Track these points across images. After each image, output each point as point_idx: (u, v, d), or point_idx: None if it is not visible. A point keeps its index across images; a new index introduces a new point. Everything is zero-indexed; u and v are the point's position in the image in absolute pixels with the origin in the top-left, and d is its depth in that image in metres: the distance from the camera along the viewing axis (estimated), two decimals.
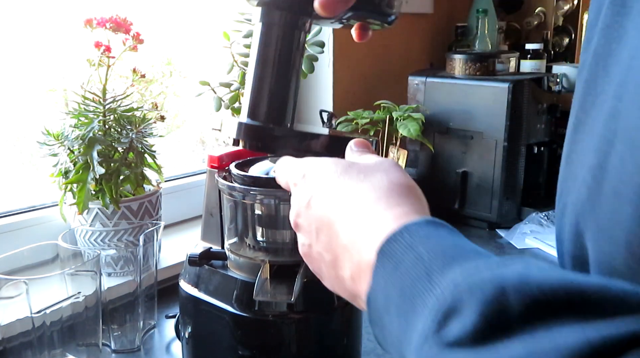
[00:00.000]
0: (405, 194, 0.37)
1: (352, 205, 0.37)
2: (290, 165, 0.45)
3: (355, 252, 0.35)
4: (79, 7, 0.99)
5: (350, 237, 0.36)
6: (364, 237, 0.35)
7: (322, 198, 0.40)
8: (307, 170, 0.43)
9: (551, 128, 1.32)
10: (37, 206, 0.98)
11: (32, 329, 0.65)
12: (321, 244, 0.40)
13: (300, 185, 0.43)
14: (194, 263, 0.66)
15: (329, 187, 0.40)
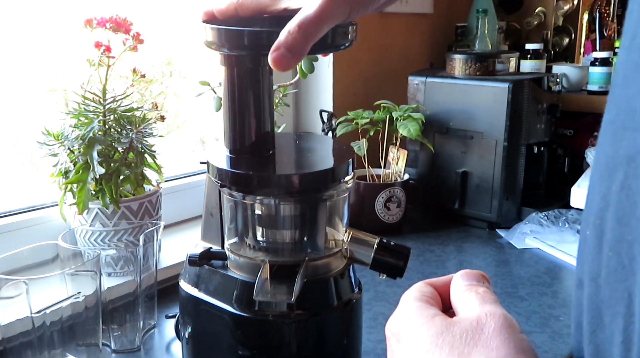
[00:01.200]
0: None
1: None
2: (397, 310, 0.41)
3: None
4: (79, 7, 0.99)
5: None
6: None
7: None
8: (400, 328, 0.39)
9: (551, 128, 1.32)
10: (37, 206, 0.98)
11: (32, 329, 0.65)
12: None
13: (392, 342, 0.39)
14: (194, 263, 0.65)
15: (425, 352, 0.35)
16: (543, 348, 0.80)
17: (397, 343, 0.38)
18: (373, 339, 0.83)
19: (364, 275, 0.74)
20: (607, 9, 2.04)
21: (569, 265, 1.09)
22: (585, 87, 1.59)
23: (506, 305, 0.93)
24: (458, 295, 0.39)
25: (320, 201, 0.63)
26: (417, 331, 0.36)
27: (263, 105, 0.56)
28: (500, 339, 0.33)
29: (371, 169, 1.28)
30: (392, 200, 1.22)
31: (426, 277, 0.42)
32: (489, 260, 1.13)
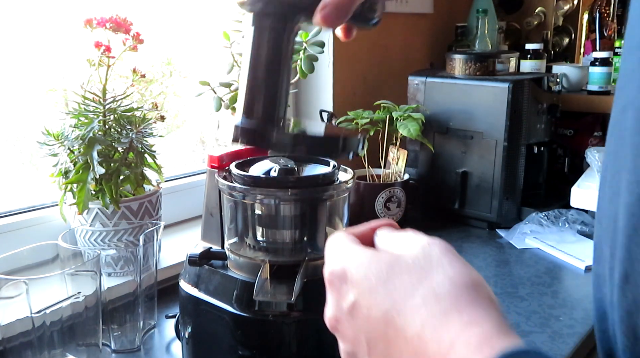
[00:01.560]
0: (475, 299, 0.31)
1: (414, 316, 0.32)
2: (329, 257, 0.40)
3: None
4: (79, 7, 0.99)
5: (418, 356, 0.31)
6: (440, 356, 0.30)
7: (371, 306, 0.34)
8: (346, 269, 0.37)
9: (551, 128, 1.32)
10: (37, 206, 0.98)
11: (32, 329, 0.65)
12: (377, 356, 0.35)
13: (338, 285, 0.38)
14: (194, 263, 0.66)
15: (377, 295, 0.34)
16: (543, 348, 0.80)
17: (344, 284, 0.37)
18: None
19: None
20: (607, 9, 2.04)
21: (569, 265, 1.09)
22: (585, 87, 1.59)
23: (506, 305, 0.93)
24: (389, 238, 0.39)
25: (320, 201, 0.63)
26: (368, 266, 0.36)
27: (287, 69, 0.56)
28: (449, 258, 0.34)
29: (371, 168, 1.28)
30: (392, 200, 1.22)
31: None
32: (489, 260, 1.13)
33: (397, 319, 0.32)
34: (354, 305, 0.36)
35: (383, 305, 0.33)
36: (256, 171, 0.63)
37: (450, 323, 0.30)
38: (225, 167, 0.67)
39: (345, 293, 0.37)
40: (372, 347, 0.35)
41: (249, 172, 0.63)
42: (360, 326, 0.35)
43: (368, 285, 0.35)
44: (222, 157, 0.67)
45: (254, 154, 0.70)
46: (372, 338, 0.35)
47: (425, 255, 0.34)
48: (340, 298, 0.37)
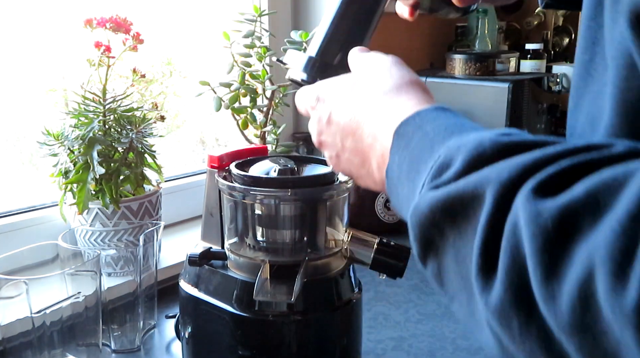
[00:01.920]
0: (413, 89, 0.44)
1: (369, 108, 0.44)
2: (304, 93, 0.51)
3: (378, 146, 0.42)
4: (79, 7, 0.99)
5: (372, 135, 0.43)
6: (383, 129, 0.42)
7: (341, 111, 0.46)
8: (320, 92, 0.49)
9: (551, 128, 1.32)
10: (37, 206, 0.98)
11: (32, 329, 0.65)
12: (348, 150, 0.46)
13: (317, 107, 0.49)
14: (194, 263, 0.66)
15: (344, 100, 0.46)
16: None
17: (322, 104, 0.48)
18: (373, 339, 0.83)
19: (364, 275, 0.74)
20: None
21: None
22: None
23: None
24: (357, 58, 0.51)
25: (320, 201, 0.63)
26: (336, 87, 0.48)
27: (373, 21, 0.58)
28: (397, 66, 0.47)
29: None
30: None
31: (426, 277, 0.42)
32: None
33: (358, 118, 0.45)
34: (330, 117, 0.47)
35: (350, 111, 0.45)
36: (256, 171, 0.63)
37: (393, 101, 0.43)
38: (225, 167, 0.67)
39: (324, 111, 0.48)
40: (344, 143, 0.46)
41: (249, 172, 0.63)
42: (335, 131, 0.47)
43: (338, 100, 0.47)
44: (222, 157, 0.67)
45: (254, 154, 0.70)
46: (344, 136, 0.46)
47: (380, 65, 0.47)
48: (321, 116, 0.49)
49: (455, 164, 0.31)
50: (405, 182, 0.37)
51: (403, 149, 0.38)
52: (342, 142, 0.47)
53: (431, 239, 0.32)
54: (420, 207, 0.32)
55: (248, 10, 1.08)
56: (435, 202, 0.31)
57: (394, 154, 0.39)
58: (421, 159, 0.35)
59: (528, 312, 0.25)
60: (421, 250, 0.33)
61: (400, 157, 0.38)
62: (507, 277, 0.26)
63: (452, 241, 0.31)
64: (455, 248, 0.30)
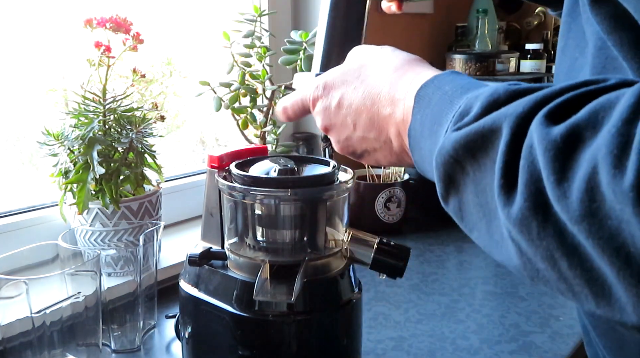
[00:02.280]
0: (422, 63, 0.48)
1: (384, 83, 0.47)
2: (308, 86, 0.53)
3: (398, 112, 0.45)
4: (79, 7, 0.99)
5: (391, 104, 0.46)
6: (402, 95, 0.45)
7: (353, 93, 0.49)
8: (326, 81, 0.51)
9: None
10: (37, 206, 0.98)
11: (32, 329, 0.65)
12: (361, 128, 0.49)
13: (323, 95, 0.51)
14: (194, 263, 0.66)
15: (355, 82, 0.49)
16: (543, 349, 0.80)
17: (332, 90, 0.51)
18: (373, 339, 0.83)
19: (364, 275, 0.74)
20: None
21: None
22: None
23: (506, 305, 0.93)
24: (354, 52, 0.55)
25: (320, 201, 0.63)
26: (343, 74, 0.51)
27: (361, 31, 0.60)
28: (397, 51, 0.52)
29: (371, 168, 1.28)
30: (392, 200, 1.22)
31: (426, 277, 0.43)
32: (488, 260, 1.13)
33: (373, 95, 0.48)
34: (340, 101, 0.50)
35: (363, 90, 0.48)
36: (256, 171, 0.63)
37: (406, 74, 0.46)
38: (225, 167, 0.67)
39: (334, 96, 0.51)
40: (357, 122, 0.49)
41: (249, 172, 0.63)
42: (347, 113, 0.50)
43: (348, 84, 0.50)
44: (222, 157, 0.67)
45: (254, 154, 0.70)
46: (357, 115, 0.49)
47: (382, 53, 0.51)
48: (330, 102, 0.51)
49: (474, 109, 0.36)
50: (428, 136, 0.40)
51: (425, 108, 0.41)
52: (354, 121, 0.49)
53: (453, 176, 0.37)
54: (445, 147, 0.36)
55: (248, 10, 1.08)
56: (457, 140, 0.35)
57: (415, 114, 0.42)
58: (442, 113, 0.39)
59: (544, 213, 0.30)
60: (444, 188, 0.38)
61: (422, 115, 0.41)
62: (526, 188, 0.30)
63: (472, 175, 0.35)
64: (476, 182, 0.35)
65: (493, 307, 0.93)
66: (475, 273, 1.07)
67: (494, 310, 0.92)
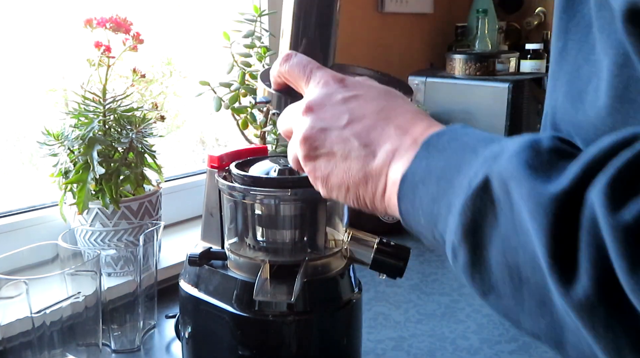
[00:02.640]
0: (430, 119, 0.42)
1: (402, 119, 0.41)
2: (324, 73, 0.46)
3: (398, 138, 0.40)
4: (79, 7, 0.99)
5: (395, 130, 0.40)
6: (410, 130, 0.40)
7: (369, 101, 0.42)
8: (348, 78, 0.44)
9: None
10: (37, 206, 0.98)
11: (32, 329, 0.65)
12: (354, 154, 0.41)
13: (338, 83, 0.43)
14: (194, 263, 0.66)
15: (378, 97, 0.42)
16: (543, 349, 0.80)
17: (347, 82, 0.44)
18: (373, 339, 0.83)
19: (364, 275, 0.74)
20: None
21: None
22: None
23: None
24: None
25: (320, 201, 0.63)
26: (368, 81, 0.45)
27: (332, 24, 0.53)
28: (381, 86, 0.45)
29: None
30: None
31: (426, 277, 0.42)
32: None
33: (390, 112, 0.41)
34: (354, 96, 0.42)
35: (380, 102, 0.42)
36: (256, 171, 0.63)
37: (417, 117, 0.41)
38: (225, 167, 0.67)
39: (345, 89, 0.43)
40: (354, 121, 0.41)
41: (249, 172, 0.63)
42: (352, 107, 0.42)
43: (370, 90, 0.43)
44: (222, 157, 0.67)
45: (254, 154, 0.70)
46: (358, 116, 0.41)
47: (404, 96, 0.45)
48: (337, 89, 0.43)
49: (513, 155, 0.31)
50: (434, 183, 0.36)
51: (435, 155, 0.36)
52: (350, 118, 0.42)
53: (479, 225, 0.32)
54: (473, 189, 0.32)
55: (248, 10, 1.08)
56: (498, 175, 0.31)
57: (420, 160, 0.37)
58: (463, 160, 0.35)
59: (616, 302, 0.26)
60: (462, 236, 0.33)
61: (429, 159, 0.37)
62: (593, 268, 0.26)
63: (503, 229, 0.31)
64: (506, 237, 0.30)
65: None
66: None
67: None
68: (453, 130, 0.38)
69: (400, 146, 0.39)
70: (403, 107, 0.42)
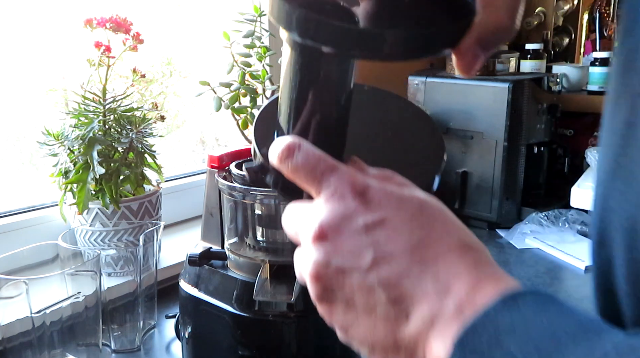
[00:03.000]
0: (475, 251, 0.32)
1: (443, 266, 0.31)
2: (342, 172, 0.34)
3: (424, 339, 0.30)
4: (79, 7, 0.99)
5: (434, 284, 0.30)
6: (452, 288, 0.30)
7: (400, 233, 0.31)
8: (371, 187, 0.33)
9: (551, 128, 1.32)
10: (37, 206, 0.98)
11: (32, 329, 0.65)
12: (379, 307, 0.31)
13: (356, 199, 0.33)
14: (194, 263, 0.66)
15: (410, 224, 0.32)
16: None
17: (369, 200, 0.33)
18: None
19: None
20: (607, 9, 2.04)
21: (569, 265, 1.09)
22: (585, 87, 1.59)
23: None
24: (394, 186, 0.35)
25: None
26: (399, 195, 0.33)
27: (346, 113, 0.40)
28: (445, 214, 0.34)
29: None
30: None
31: None
32: None
33: (427, 251, 0.31)
34: (380, 222, 0.32)
35: (414, 232, 0.31)
36: None
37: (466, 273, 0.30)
38: (225, 167, 0.67)
39: (368, 208, 0.32)
40: (381, 263, 0.31)
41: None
42: (378, 240, 0.31)
43: (401, 210, 0.32)
44: (222, 157, 0.67)
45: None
46: (385, 255, 0.31)
47: (441, 208, 0.33)
48: (357, 207, 0.32)
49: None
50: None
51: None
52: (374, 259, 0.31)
53: None
54: None
55: (248, 10, 1.08)
56: None
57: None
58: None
59: None
60: None
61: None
62: None
63: None
64: None
65: None
66: None
67: None
68: (491, 321, 0.27)
69: (441, 313, 0.29)
70: (443, 240, 0.31)
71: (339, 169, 0.34)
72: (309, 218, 0.34)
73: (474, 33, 0.35)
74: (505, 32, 0.36)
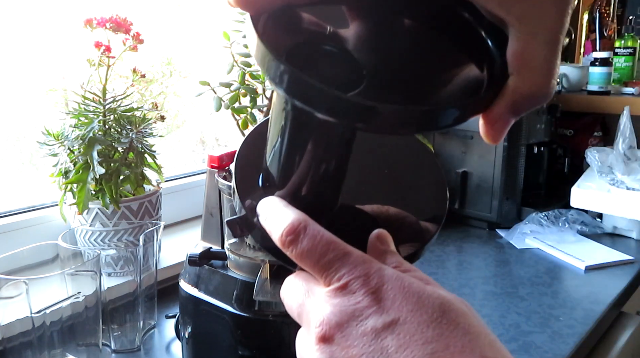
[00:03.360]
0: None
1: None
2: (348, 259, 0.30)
3: None
4: (79, 7, 0.99)
5: None
6: None
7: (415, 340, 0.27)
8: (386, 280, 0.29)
9: (551, 128, 1.32)
10: (37, 206, 0.98)
11: (32, 329, 0.65)
12: None
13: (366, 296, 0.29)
14: (194, 263, 0.66)
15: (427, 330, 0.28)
16: (543, 349, 0.80)
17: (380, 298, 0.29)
18: None
19: None
20: (607, 9, 2.04)
21: (569, 265, 1.09)
22: (585, 87, 1.59)
23: (506, 305, 0.93)
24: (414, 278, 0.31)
25: None
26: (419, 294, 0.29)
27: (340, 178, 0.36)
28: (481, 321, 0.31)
29: None
30: None
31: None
32: (489, 260, 1.13)
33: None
34: (392, 324, 0.28)
35: (430, 342, 0.27)
36: None
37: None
38: (225, 167, 0.67)
39: (380, 307, 0.28)
40: None
41: None
42: (389, 345, 0.27)
43: (417, 311, 0.28)
44: (222, 157, 0.67)
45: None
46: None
47: (465, 312, 0.30)
48: (368, 305, 0.29)
49: None
50: None
51: None
52: None
53: None
54: None
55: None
56: None
57: None
58: None
59: None
60: None
61: None
62: None
63: None
64: None
65: (493, 307, 0.93)
66: (475, 273, 1.07)
67: (494, 310, 0.91)
68: None
69: None
70: (463, 356, 0.28)
71: (350, 257, 0.30)
72: (313, 309, 0.31)
73: (507, 99, 0.30)
74: (542, 98, 0.30)
